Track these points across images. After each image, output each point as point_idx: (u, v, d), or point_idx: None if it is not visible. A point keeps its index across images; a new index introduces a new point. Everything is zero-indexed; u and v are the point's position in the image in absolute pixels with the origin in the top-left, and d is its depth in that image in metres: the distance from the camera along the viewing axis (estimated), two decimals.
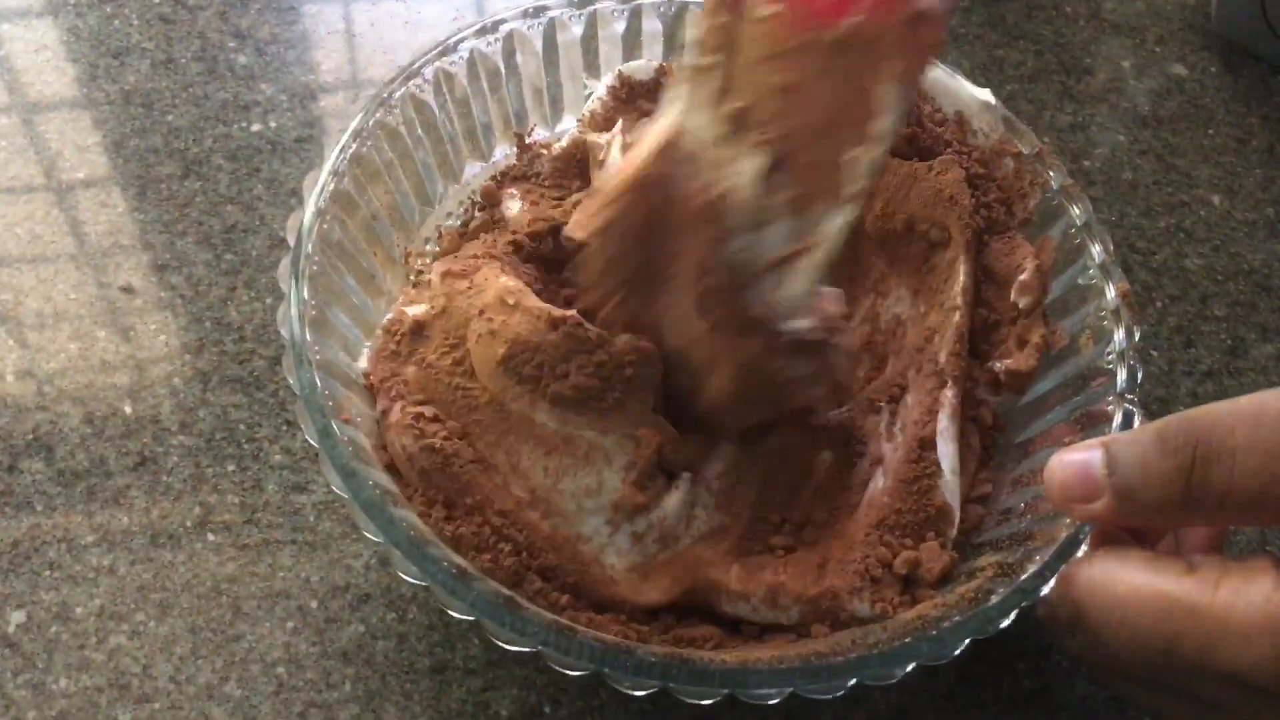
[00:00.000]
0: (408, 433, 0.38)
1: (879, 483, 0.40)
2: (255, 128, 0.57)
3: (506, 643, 0.34)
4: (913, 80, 0.35)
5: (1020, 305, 0.43)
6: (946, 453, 0.40)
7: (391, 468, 0.39)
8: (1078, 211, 0.44)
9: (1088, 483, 0.33)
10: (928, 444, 0.40)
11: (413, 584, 0.42)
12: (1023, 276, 0.43)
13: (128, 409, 0.47)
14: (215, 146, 0.56)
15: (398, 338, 0.41)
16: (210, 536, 0.44)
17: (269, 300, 0.50)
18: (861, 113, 0.34)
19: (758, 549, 0.40)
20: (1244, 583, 0.30)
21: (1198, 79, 0.65)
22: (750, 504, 0.41)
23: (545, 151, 0.49)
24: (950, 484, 0.39)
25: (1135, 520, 0.34)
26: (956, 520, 0.39)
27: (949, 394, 0.41)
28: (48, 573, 0.43)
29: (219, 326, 0.50)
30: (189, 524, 0.44)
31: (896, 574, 0.38)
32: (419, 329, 0.41)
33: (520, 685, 0.41)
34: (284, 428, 0.47)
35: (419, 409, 0.39)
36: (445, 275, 0.42)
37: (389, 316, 0.42)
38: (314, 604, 0.43)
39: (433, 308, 0.41)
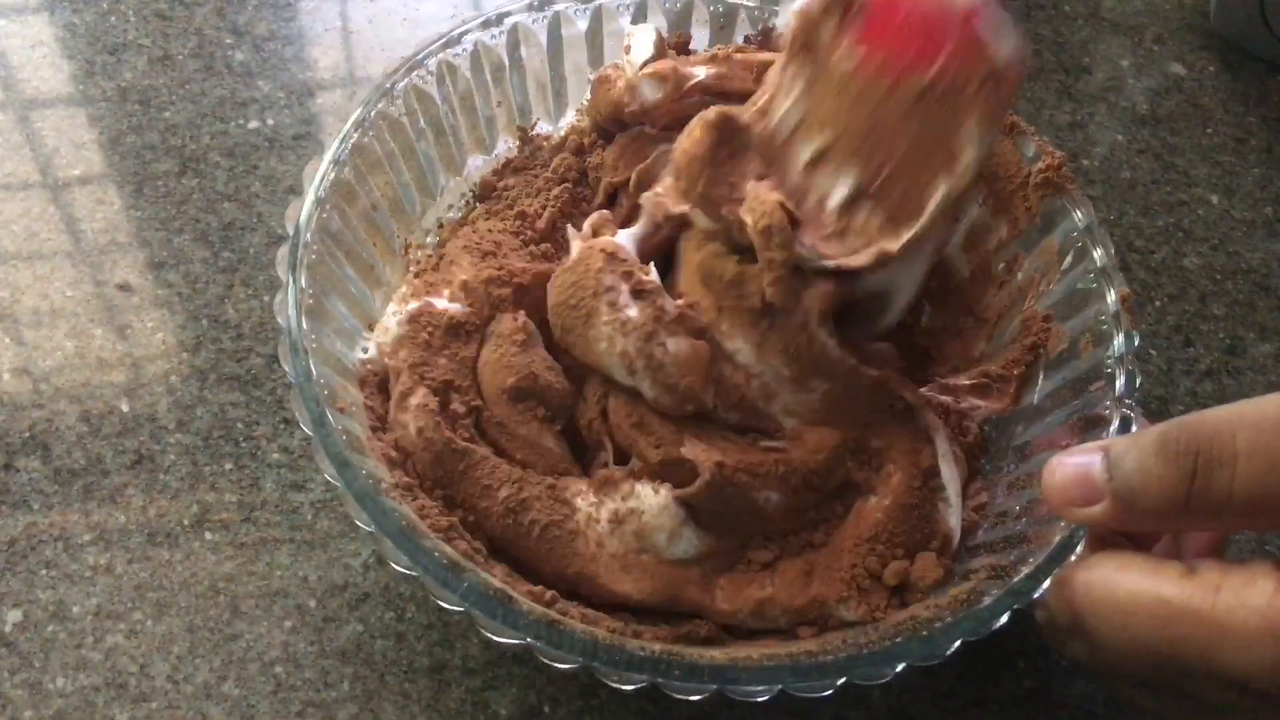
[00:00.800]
0: (426, 416, 0.39)
1: (870, 500, 0.39)
2: (253, 125, 0.57)
3: (497, 635, 0.34)
4: (994, 121, 0.38)
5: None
6: (950, 476, 0.39)
7: (390, 458, 0.39)
8: (1080, 215, 0.43)
9: (1087, 486, 0.33)
10: (931, 473, 0.39)
11: (408, 579, 0.42)
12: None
13: (125, 407, 0.47)
14: (212, 143, 0.56)
15: (429, 329, 0.41)
16: (208, 535, 0.44)
17: (267, 298, 0.50)
18: (944, 150, 0.38)
19: (740, 564, 0.39)
20: (1245, 586, 0.30)
21: (1196, 78, 0.65)
22: (728, 527, 0.40)
23: (546, 144, 0.49)
24: (954, 511, 0.39)
25: (1135, 525, 0.34)
26: (955, 544, 0.39)
27: (935, 418, 0.40)
28: (44, 571, 0.43)
29: (216, 324, 0.49)
30: (186, 522, 0.44)
31: (885, 584, 0.38)
32: (457, 327, 0.41)
33: (519, 685, 0.41)
34: (282, 426, 0.47)
35: (444, 398, 0.40)
36: (488, 282, 0.42)
37: (413, 306, 0.42)
38: (312, 603, 0.42)
39: (471, 308, 0.42)
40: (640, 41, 0.46)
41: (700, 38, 0.50)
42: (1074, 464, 0.33)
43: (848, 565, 0.38)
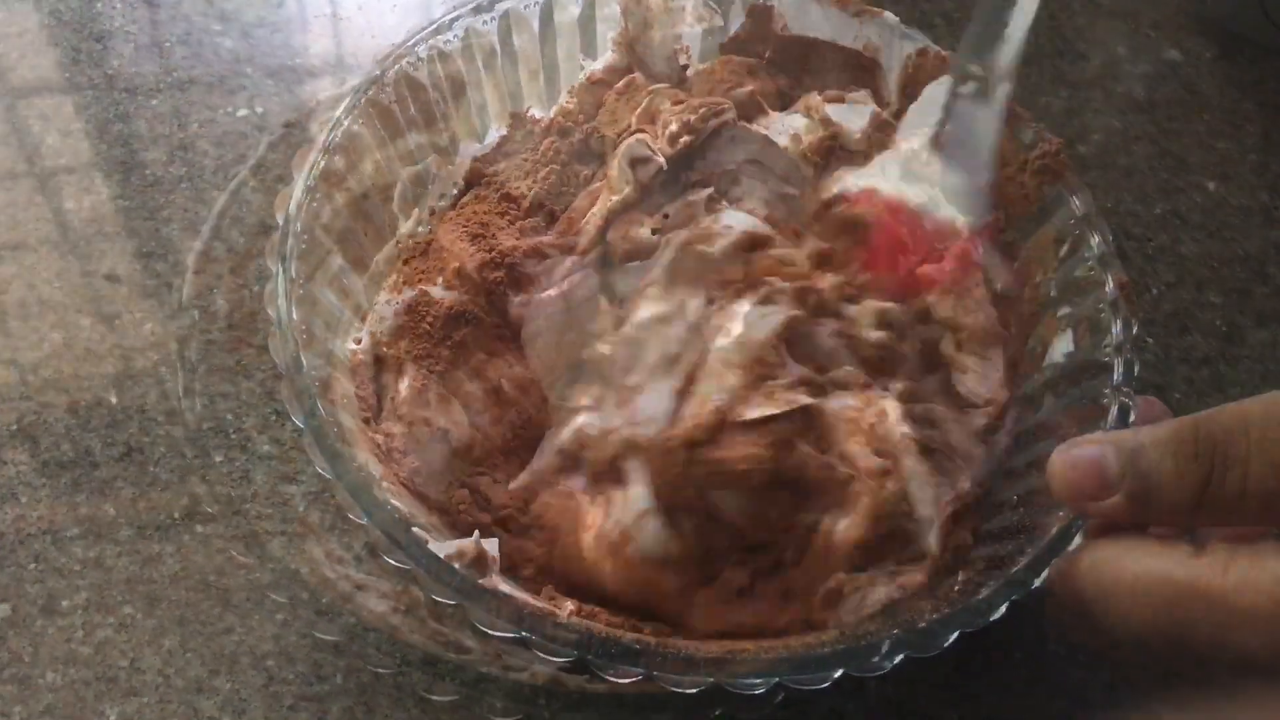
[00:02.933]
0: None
1: (839, 524, 0.38)
2: (241, 112, 0.56)
3: (491, 628, 0.33)
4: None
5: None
6: (924, 498, 0.39)
7: (378, 452, 0.39)
8: (1077, 202, 0.43)
9: (1101, 481, 0.33)
10: (899, 496, 0.39)
11: (401, 572, 0.42)
12: None
13: (113, 398, 0.47)
14: (200, 131, 0.55)
15: (429, 319, 0.41)
16: (198, 528, 0.43)
17: (256, 288, 0.50)
18: None
19: (715, 585, 0.39)
20: (1254, 565, 0.30)
21: (1192, 64, 0.65)
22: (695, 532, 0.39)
23: (537, 129, 0.48)
24: (933, 527, 0.38)
25: (1147, 520, 0.34)
26: (938, 559, 0.38)
27: (891, 405, 0.40)
28: (33, 565, 0.42)
29: (205, 315, 0.49)
30: (176, 515, 0.44)
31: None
32: (459, 316, 0.41)
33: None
34: (272, 417, 0.46)
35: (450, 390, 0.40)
36: (481, 267, 0.42)
37: (410, 295, 0.41)
38: (304, 596, 0.42)
39: (467, 295, 0.42)
40: None
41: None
42: (1085, 457, 0.33)
43: (829, 587, 0.38)
